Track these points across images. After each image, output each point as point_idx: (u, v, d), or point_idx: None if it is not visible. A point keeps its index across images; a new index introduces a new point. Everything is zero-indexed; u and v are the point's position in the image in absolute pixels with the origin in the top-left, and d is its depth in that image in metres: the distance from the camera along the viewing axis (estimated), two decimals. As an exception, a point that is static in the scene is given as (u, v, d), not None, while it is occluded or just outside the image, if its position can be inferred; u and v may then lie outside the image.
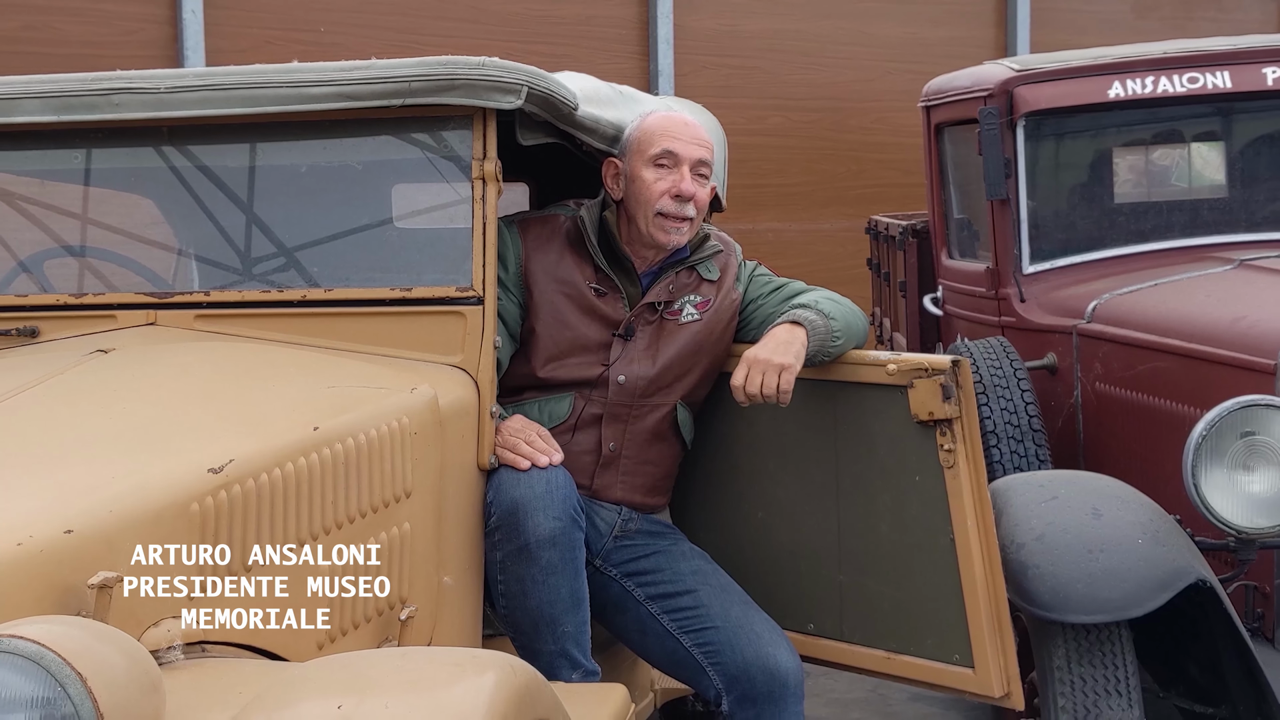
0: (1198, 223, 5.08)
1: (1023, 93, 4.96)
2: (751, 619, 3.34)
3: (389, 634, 2.85)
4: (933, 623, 3.27)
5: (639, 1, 8.33)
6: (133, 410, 2.68)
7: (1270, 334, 3.62)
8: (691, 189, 3.39)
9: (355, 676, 2.11)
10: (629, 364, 3.41)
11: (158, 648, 2.24)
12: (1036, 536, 3.35)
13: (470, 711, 2.03)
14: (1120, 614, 3.24)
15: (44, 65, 6.20)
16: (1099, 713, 3.26)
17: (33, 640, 1.85)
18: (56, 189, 3.53)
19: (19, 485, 2.27)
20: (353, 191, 3.35)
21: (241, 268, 3.33)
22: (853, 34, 9.10)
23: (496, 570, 3.17)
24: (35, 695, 1.85)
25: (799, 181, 8.90)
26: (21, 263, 3.46)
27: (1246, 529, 3.37)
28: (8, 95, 3.25)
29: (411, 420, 2.92)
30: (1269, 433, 3.35)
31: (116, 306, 3.24)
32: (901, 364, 3.24)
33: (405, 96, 3.14)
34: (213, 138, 3.31)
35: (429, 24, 7.61)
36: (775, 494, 3.51)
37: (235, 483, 2.46)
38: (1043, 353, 4.78)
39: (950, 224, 5.75)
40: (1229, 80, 4.92)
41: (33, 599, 2.07)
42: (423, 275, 3.22)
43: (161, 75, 3.25)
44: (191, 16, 6.91)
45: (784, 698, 3.27)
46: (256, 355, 3.08)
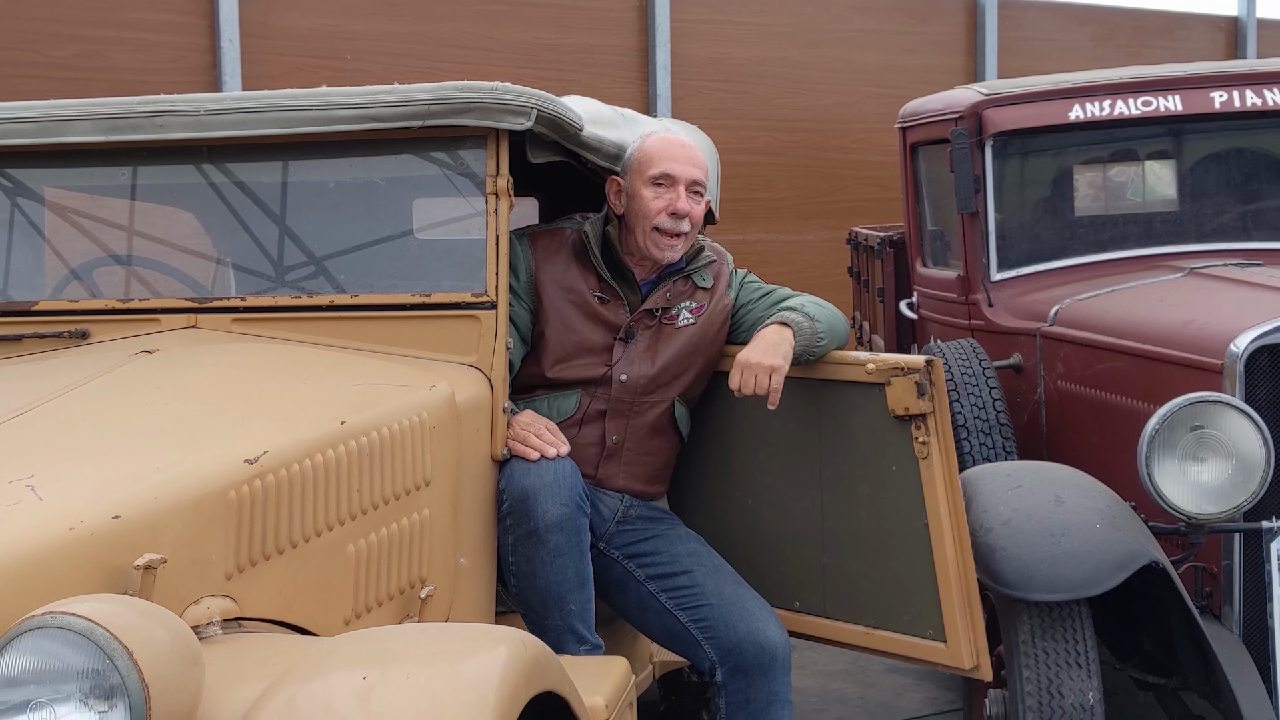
0: (1151, 234, 5.07)
1: (991, 115, 4.95)
2: (743, 597, 3.34)
3: (410, 611, 2.85)
4: (908, 601, 3.27)
5: (639, 31, 8.33)
6: (175, 406, 2.68)
7: (1218, 336, 3.61)
8: (686, 207, 3.40)
9: (379, 649, 2.12)
10: (630, 364, 3.41)
11: (198, 623, 2.24)
12: (1003, 522, 3.35)
13: (484, 682, 2.03)
14: (1080, 593, 3.23)
15: (94, 90, 6.21)
16: (1060, 683, 3.25)
17: (83, 617, 1.85)
18: (105, 203, 3.53)
19: (71, 475, 2.28)
20: (376, 205, 3.35)
21: (275, 275, 3.33)
22: (835, 61, 9.09)
23: (508, 552, 3.16)
24: (85, 667, 1.85)
25: (785, 196, 8.89)
26: (73, 270, 3.46)
27: (1196, 515, 3.36)
28: (61, 117, 3.25)
29: (430, 415, 2.92)
30: (1216, 427, 3.34)
31: (160, 311, 3.24)
32: (880, 364, 3.24)
33: (425, 118, 3.14)
34: (248, 156, 3.31)
35: (447, 52, 7.61)
36: (764, 482, 3.51)
37: (269, 472, 2.46)
38: (1009, 353, 4.78)
39: (924, 235, 5.74)
40: (1179, 104, 4.91)
41: (83, 579, 2.07)
42: (440, 282, 3.22)
43: (201, 99, 3.25)
44: (229, 45, 6.92)
45: (773, 669, 3.27)
46: (288, 355, 3.08)
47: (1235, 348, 3.50)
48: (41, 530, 2.08)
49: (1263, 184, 5.15)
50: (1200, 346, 3.67)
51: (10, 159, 3.38)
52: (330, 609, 2.61)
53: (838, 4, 9.10)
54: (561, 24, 8.02)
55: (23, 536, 2.06)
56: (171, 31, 6.86)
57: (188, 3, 6.89)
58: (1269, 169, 5.17)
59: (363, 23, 7.40)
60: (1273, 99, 4.87)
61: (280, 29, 7.17)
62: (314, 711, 1.95)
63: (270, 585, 2.45)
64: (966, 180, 4.89)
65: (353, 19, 7.37)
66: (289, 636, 2.41)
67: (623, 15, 8.29)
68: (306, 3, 7.24)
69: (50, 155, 3.36)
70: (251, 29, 7.02)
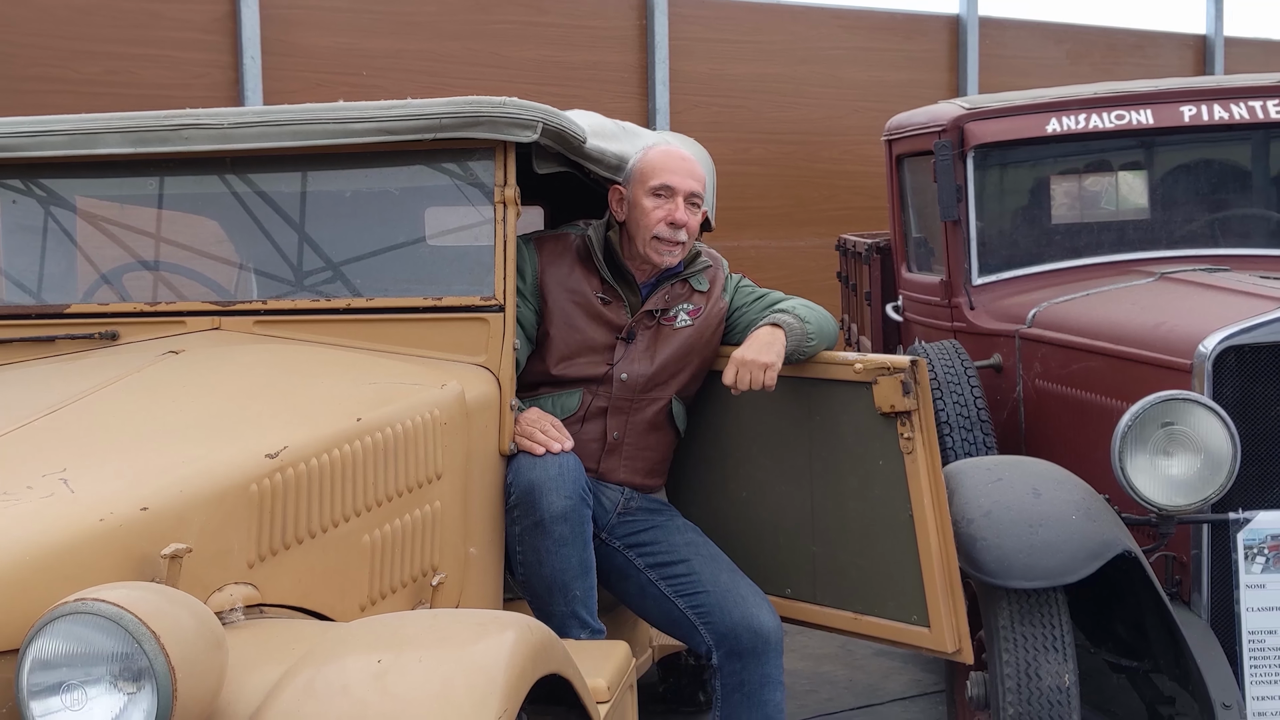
0: (1124, 241, 5.06)
1: (972, 128, 4.95)
2: (738, 584, 3.34)
3: (422, 598, 2.85)
4: (894, 588, 3.27)
5: (640, 49, 8.33)
6: (200, 404, 2.67)
7: (1187, 337, 3.61)
8: (684, 218, 3.40)
9: (393, 634, 2.12)
10: (630, 363, 3.41)
11: (221, 609, 2.24)
12: (984, 513, 3.34)
13: (493, 665, 2.03)
14: (1057, 580, 3.23)
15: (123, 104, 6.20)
16: (1038, 666, 3.25)
17: (113, 603, 1.85)
18: (134, 211, 3.53)
19: (102, 469, 2.28)
20: (390, 213, 3.35)
21: (294, 280, 3.33)
22: (825, 77, 9.09)
23: (515, 542, 3.16)
24: (115, 651, 1.86)
25: (778, 204, 8.89)
26: (103, 275, 3.46)
27: (1166, 506, 3.36)
28: (92, 130, 3.25)
29: (442, 412, 2.92)
30: (1186, 423, 3.34)
31: (186, 314, 3.24)
32: (867, 363, 3.23)
33: (436, 131, 3.14)
34: (269, 167, 3.31)
35: (457, 69, 7.61)
36: (757, 476, 3.50)
37: (289, 466, 2.46)
38: (989, 353, 4.77)
39: (909, 242, 5.74)
40: (1151, 117, 4.91)
41: (113, 567, 2.08)
42: (451, 286, 3.22)
43: (225, 113, 3.25)
44: (251, 62, 6.92)
45: (766, 652, 3.27)
46: (307, 356, 3.08)
47: (1204, 348, 3.50)
48: (73, 521, 2.08)
49: (1229, 193, 5.14)
50: (1170, 347, 3.67)
51: (44, 170, 3.38)
52: (347, 596, 2.61)
53: (828, 23, 9.10)
54: (566, 42, 8.02)
55: (56, 527, 2.06)
56: (197, 49, 6.86)
57: (212, 22, 6.90)
58: (1235, 179, 5.17)
59: (377, 41, 7.41)
60: (1239, 113, 4.87)
61: (300, 47, 7.17)
62: (331, 692, 1.95)
63: (290, 573, 2.45)
64: (949, 190, 4.89)
65: (368, 38, 7.38)
66: (308, 622, 2.41)
67: (624, 33, 8.29)
68: (325, 22, 7.24)
69: (82, 166, 3.36)
70: (272, 47, 7.02)
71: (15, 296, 3.38)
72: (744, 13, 8.76)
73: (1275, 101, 4.89)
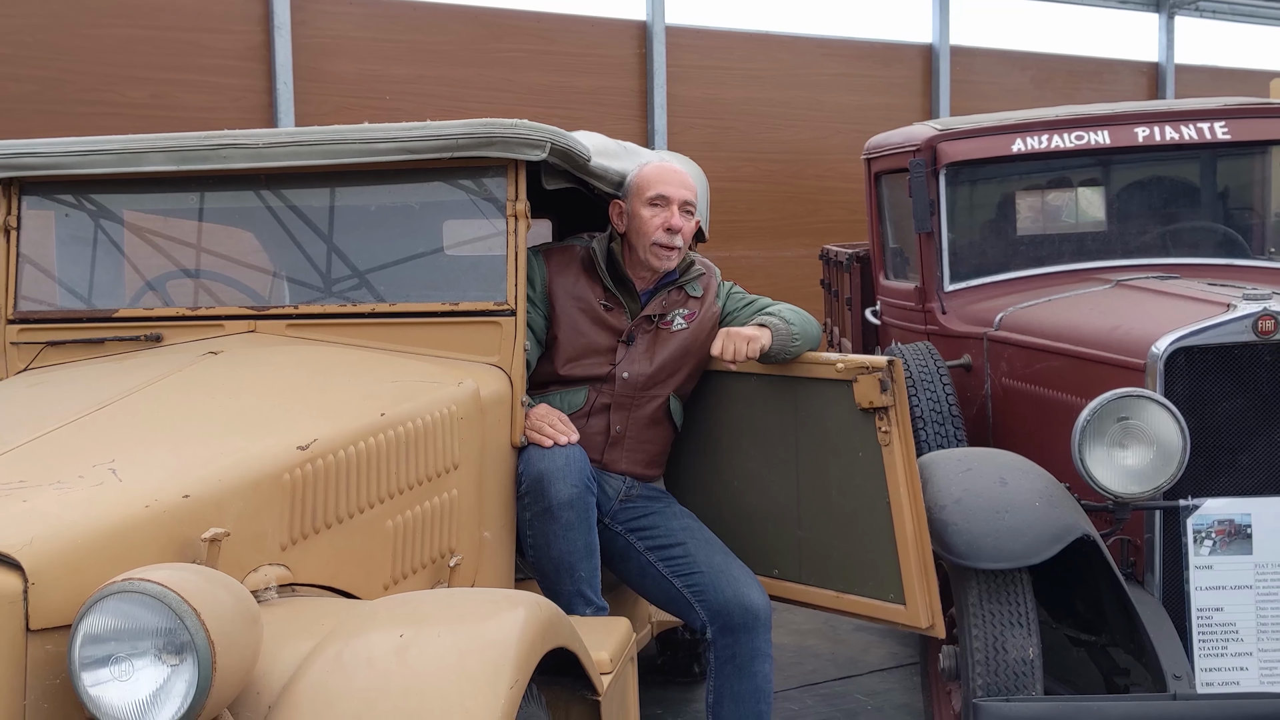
0: (1083, 251, 5.06)
1: (944, 148, 4.95)
2: (730, 565, 3.33)
3: (441, 578, 2.85)
4: (872, 569, 3.27)
5: (639, 75, 8.33)
6: (237, 400, 2.67)
7: (1141, 339, 3.61)
8: (679, 223, 3.40)
9: (413, 611, 2.12)
10: (631, 364, 3.41)
11: (257, 589, 2.24)
12: (955, 500, 3.34)
13: (505, 639, 2.03)
14: (1021, 562, 3.23)
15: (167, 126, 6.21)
16: (1004, 640, 3.25)
17: (158, 582, 1.86)
18: (176, 224, 3.53)
19: (148, 460, 2.28)
20: (411, 226, 3.35)
21: (323, 286, 3.33)
22: (810, 101, 9.10)
23: (525, 527, 3.16)
24: (160, 626, 1.86)
25: (767, 218, 8.90)
26: (149, 282, 3.45)
27: (1122, 494, 3.36)
28: (138, 150, 3.25)
29: (458, 408, 2.92)
30: (1140, 418, 3.34)
31: (224, 317, 3.24)
32: (848, 363, 3.23)
33: (453, 151, 3.14)
34: (301, 183, 3.31)
35: (472, 93, 7.61)
36: (748, 466, 3.50)
37: (318, 457, 2.46)
38: (960, 354, 4.77)
39: (887, 252, 5.74)
40: (1108, 138, 4.91)
41: (157, 550, 2.08)
42: (467, 293, 3.22)
43: (260, 134, 3.25)
44: (284, 87, 6.92)
45: (756, 628, 3.26)
46: (335, 356, 3.08)
47: (1156, 350, 3.50)
48: (122, 508, 2.08)
49: (1180, 208, 5.15)
50: (1126, 348, 3.67)
51: (94, 186, 3.37)
52: (371, 576, 2.61)
53: (812, 51, 9.11)
54: (572, 69, 8.03)
55: (106, 513, 2.06)
56: (234, 75, 6.87)
57: (248, 50, 6.90)
58: (1185, 194, 5.17)
59: (400, 68, 7.41)
60: (1189, 134, 4.87)
61: (328, 73, 7.18)
62: (357, 665, 1.95)
63: (319, 555, 2.45)
64: (923, 204, 4.89)
65: (391, 65, 7.38)
66: (335, 600, 2.41)
67: (625, 61, 8.29)
68: (351, 51, 7.25)
69: (129, 183, 3.36)
70: (303, 73, 7.03)
71: (68, 302, 3.38)
72: (736, 42, 8.77)
73: (1222, 124, 4.89)
